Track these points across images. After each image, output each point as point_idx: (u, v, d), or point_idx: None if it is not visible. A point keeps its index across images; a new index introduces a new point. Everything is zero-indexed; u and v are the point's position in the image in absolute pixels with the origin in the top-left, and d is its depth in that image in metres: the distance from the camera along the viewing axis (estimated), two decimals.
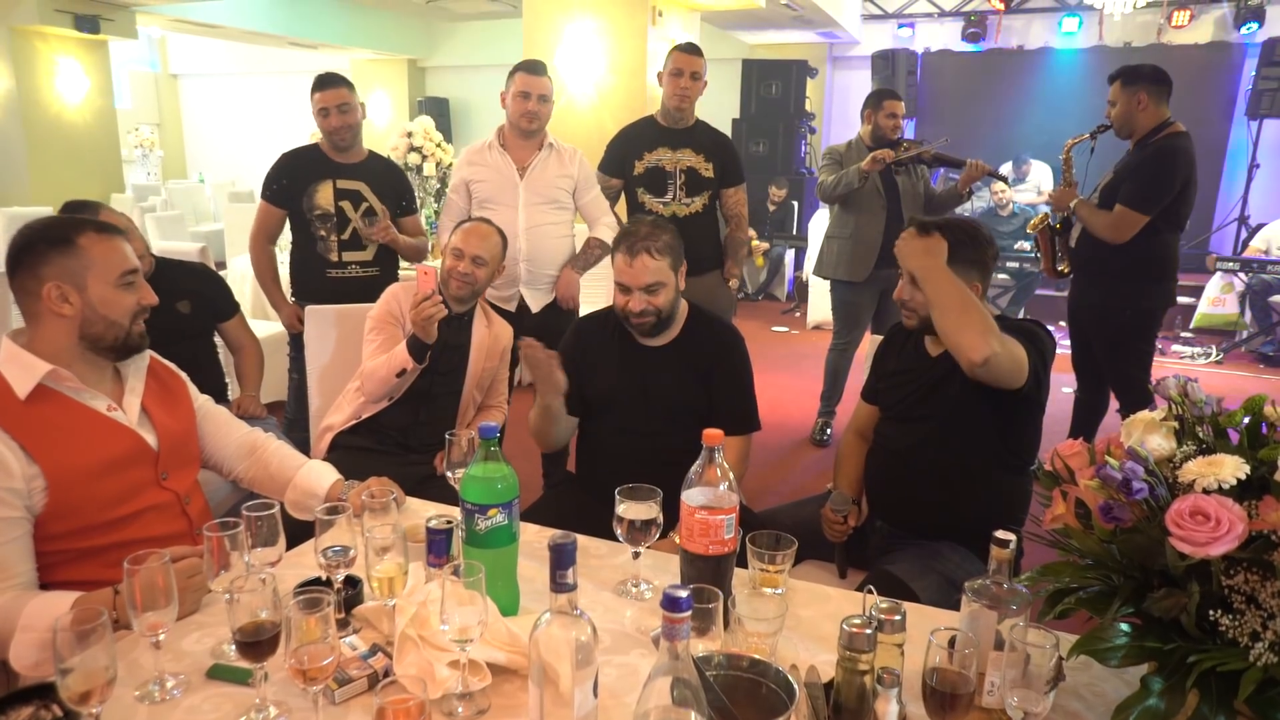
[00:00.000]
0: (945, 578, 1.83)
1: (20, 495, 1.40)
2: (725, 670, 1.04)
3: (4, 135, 7.83)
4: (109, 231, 1.54)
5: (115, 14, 8.07)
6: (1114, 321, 3.33)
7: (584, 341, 2.23)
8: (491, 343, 2.57)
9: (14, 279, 1.48)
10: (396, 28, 11.31)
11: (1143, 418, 1.10)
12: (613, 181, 3.57)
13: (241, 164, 13.06)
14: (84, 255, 1.49)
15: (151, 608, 1.15)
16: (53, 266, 1.47)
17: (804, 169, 8.92)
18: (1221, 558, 0.92)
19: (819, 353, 5.01)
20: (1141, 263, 3.24)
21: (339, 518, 1.35)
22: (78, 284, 1.48)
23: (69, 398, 1.49)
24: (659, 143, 3.45)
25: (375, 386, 2.38)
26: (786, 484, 3.97)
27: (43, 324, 1.49)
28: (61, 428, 1.47)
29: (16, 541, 1.40)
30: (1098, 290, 3.37)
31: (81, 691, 0.99)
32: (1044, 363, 1.85)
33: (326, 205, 3.11)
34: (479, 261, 2.45)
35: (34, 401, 1.44)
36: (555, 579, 0.98)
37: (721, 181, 3.47)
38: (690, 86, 3.36)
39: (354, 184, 3.14)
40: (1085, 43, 9.06)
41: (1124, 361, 3.37)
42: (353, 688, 1.18)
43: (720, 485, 1.32)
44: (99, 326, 1.51)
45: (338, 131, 3.09)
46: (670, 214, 3.44)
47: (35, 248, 1.48)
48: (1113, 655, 0.98)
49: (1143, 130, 3.22)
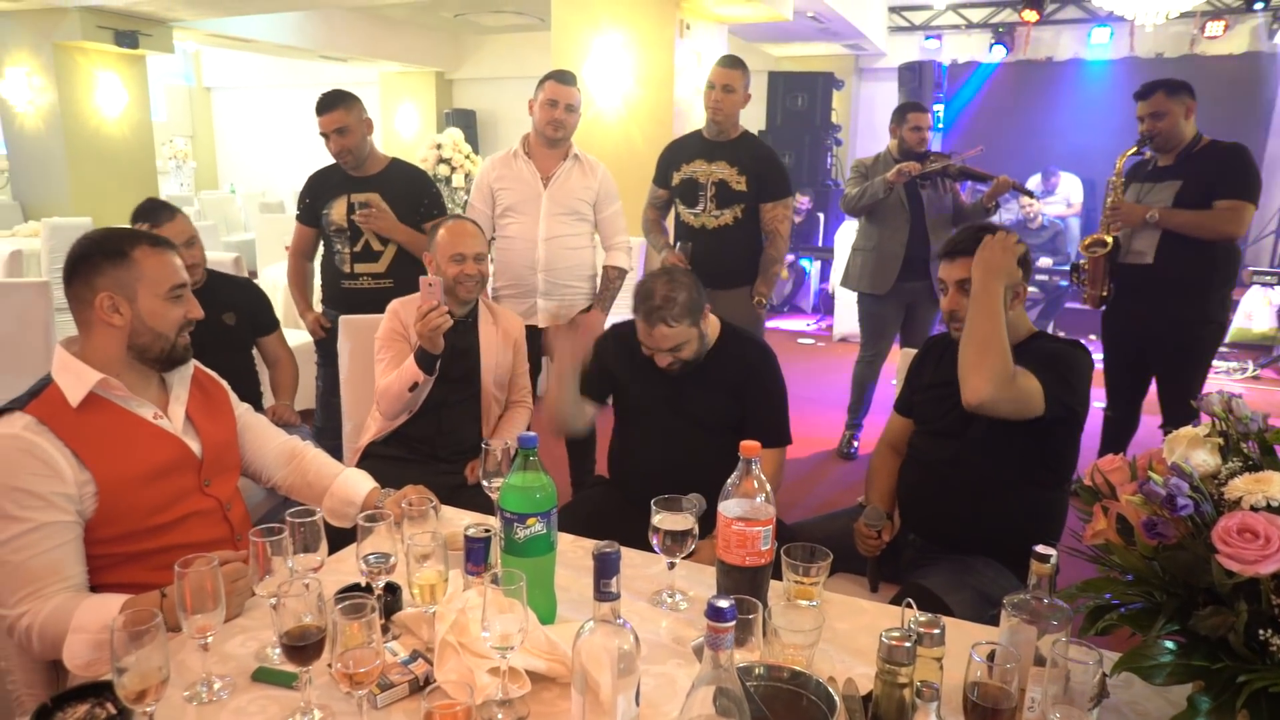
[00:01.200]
0: (979, 592, 1.83)
1: (72, 500, 1.43)
2: (766, 681, 1.05)
3: (46, 147, 8.00)
4: (161, 245, 1.58)
5: (154, 29, 8.23)
6: (1199, 334, 3.24)
7: (619, 348, 2.25)
8: (501, 339, 2.55)
9: (70, 288, 1.52)
10: (424, 41, 11.44)
11: (1186, 433, 1.09)
12: (660, 192, 3.60)
13: (271, 175, 13.25)
14: (136, 267, 1.53)
15: (200, 610, 1.18)
16: (106, 277, 1.51)
17: (830, 181, 8.90)
18: (1271, 576, 0.91)
19: (845, 365, 5.00)
20: (1219, 272, 3.19)
21: (379, 525, 1.37)
22: (128, 295, 1.52)
23: (118, 406, 1.53)
24: (698, 154, 3.47)
25: (390, 404, 2.39)
26: (814, 497, 3.95)
27: (94, 333, 1.53)
28: (111, 435, 1.50)
29: (69, 545, 1.43)
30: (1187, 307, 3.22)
31: (138, 690, 1.01)
32: (1074, 388, 1.84)
33: (340, 220, 3.17)
34: (480, 259, 2.46)
35: (85, 409, 1.48)
36: (599, 587, 0.99)
37: (759, 196, 3.43)
38: (723, 99, 3.36)
39: (367, 196, 3.19)
40: (1116, 54, 8.99)
41: (1190, 378, 3.28)
42: (394, 693, 1.20)
43: (757, 497, 1.32)
44: (146, 337, 1.54)
45: (340, 155, 3.15)
46: (700, 225, 3.45)
47: (91, 258, 1.52)
48: (1158, 673, 0.98)
49: (1187, 139, 3.19)
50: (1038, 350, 1.88)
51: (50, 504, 1.40)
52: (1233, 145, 3.16)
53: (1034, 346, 1.90)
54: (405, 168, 3.36)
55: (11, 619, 1.39)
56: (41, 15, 7.62)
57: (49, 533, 1.40)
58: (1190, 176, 3.18)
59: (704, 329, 2.12)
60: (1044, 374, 1.80)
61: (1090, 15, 8.95)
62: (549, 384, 2.27)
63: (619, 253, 3.26)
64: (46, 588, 1.39)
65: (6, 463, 1.40)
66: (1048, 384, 1.79)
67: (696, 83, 5.86)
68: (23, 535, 1.39)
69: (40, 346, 3.31)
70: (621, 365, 2.22)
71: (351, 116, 3.11)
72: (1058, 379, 1.81)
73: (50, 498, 1.40)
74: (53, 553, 1.41)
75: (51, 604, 1.38)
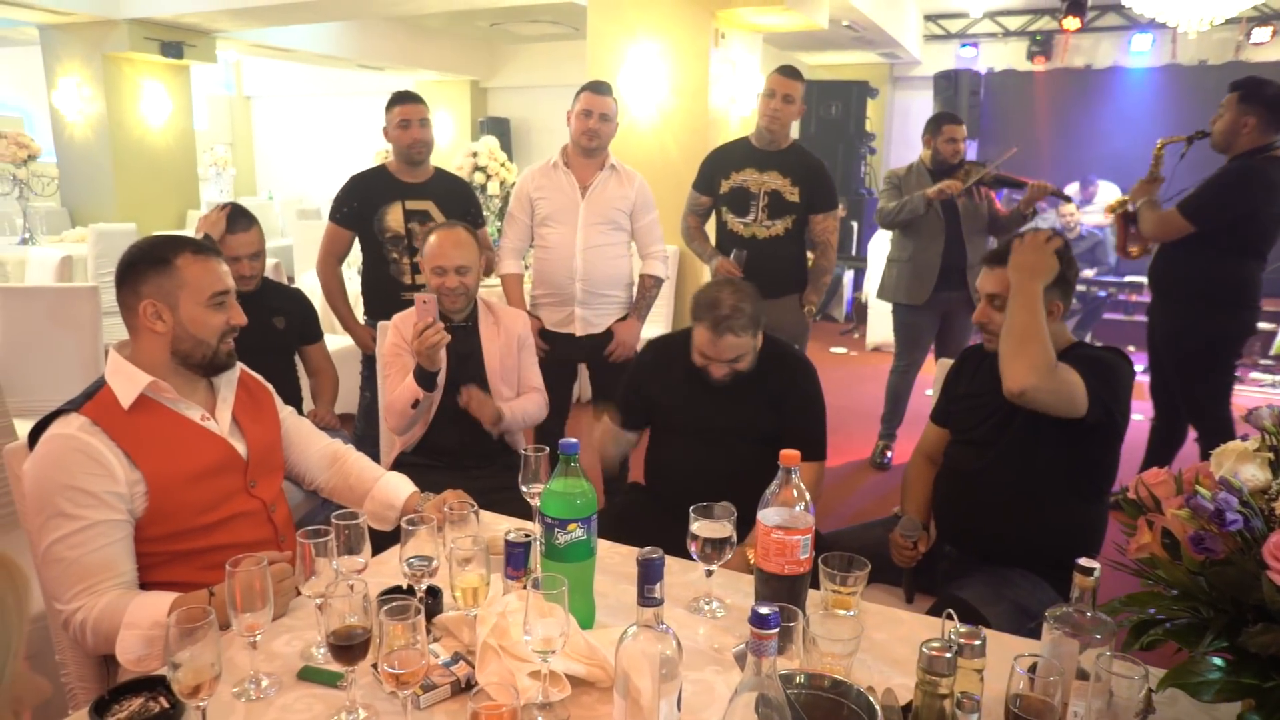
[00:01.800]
0: (1017, 605, 1.81)
1: (124, 499, 1.47)
2: (807, 689, 1.05)
3: (94, 155, 8.19)
4: (205, 252, 1.61)
5: (198, 40, 8.41)
6: (1186, 347, 3.26)
7: (656, 360, 2.27)
8: (504, 338, 2.55)
9: (119, 294, 1.57)
10: (460, 50, 11.56)
11: (1235, 448, 1.08)
12: (702, 199, 3.61)
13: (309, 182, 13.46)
14: (178, 275, 1.56)
15: (249, 609, 1.21)
16: (150, 285, 1.55)
17: (863, 190, 8.86)
18: None
19: (879, 375, 4.97)
20: (1214, 289, 3.16)
21: (421, 529, 1.39)
22: (170, 303, 1.55)
23: (167, 408, 1.57)
24: (747, 163, 3.47)
25: (396, 421, 2.41)
26: (847, 506, 3.93)
27: (141, 338, 1.57)
28: (161, 436, 1.54)
29: (120, 543, 1.47)
30: (1170, 315, 3.30)
31: (192, 685, 1.04)
32: (1116, 393, 1.82)
33: (397, 227, 3.16)
34: (463, 270, 2.43)
35: (136, 411, 1.52)
36: (643, 593, 1.00)
37: (809, 207, 3.45)
38: (781, 109, 3.37)
39: (422, 203, 3.20)
40: (1157, 61, 8.85)
41: (1197, 390, 3.28)
42: (437, 694, 1.22)
43: (797, 506, 1.33)
44: (188, 344, 1.58)
45: (415, 145, 3.16)
46: (750, 235, 3.46)
47: (137, 266, 1.56)
48: (1206, 690, 0.97)
49: (1240, 150, 3.14)
50: (1079, 355, 1.86)
51: (103, 502, 1.44)
52: (1242, 165, 3.10)
53: (1075, 354, 1.89)
54: (450, 177, 3.40)
55: (67, 614, 1.43)
56: (92, 27, 7.82)
57: (102, 530, 1.45)
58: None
59: (758, 341, 2.13)
60: (1087, 374, 1.79)
61: (1131, 22, 8.82)
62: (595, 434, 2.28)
63: (655, 261, 3.27)
64: (100, 584, 1.43)
65: (63, 462, 1.44)
66: (1090, 383, 1.77)
67: (731, 92, 5.86)
68: (78, 532, 1.43)
69: (89, 349, 3.39)
70: (661, 378, 2.23)
71: (428, 111, 3.19)
72: (1100, 380, 1.79)
73: (103, 496, 1.44)
74: (106, 550, 1.45)
75: (104, 600, 1.42)
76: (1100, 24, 9.04)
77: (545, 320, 3.22)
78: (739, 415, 2.15)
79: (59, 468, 1.44)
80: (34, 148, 6.66)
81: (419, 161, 3.21)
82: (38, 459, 1.47)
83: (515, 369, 2.58)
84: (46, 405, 3.33)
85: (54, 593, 1.46)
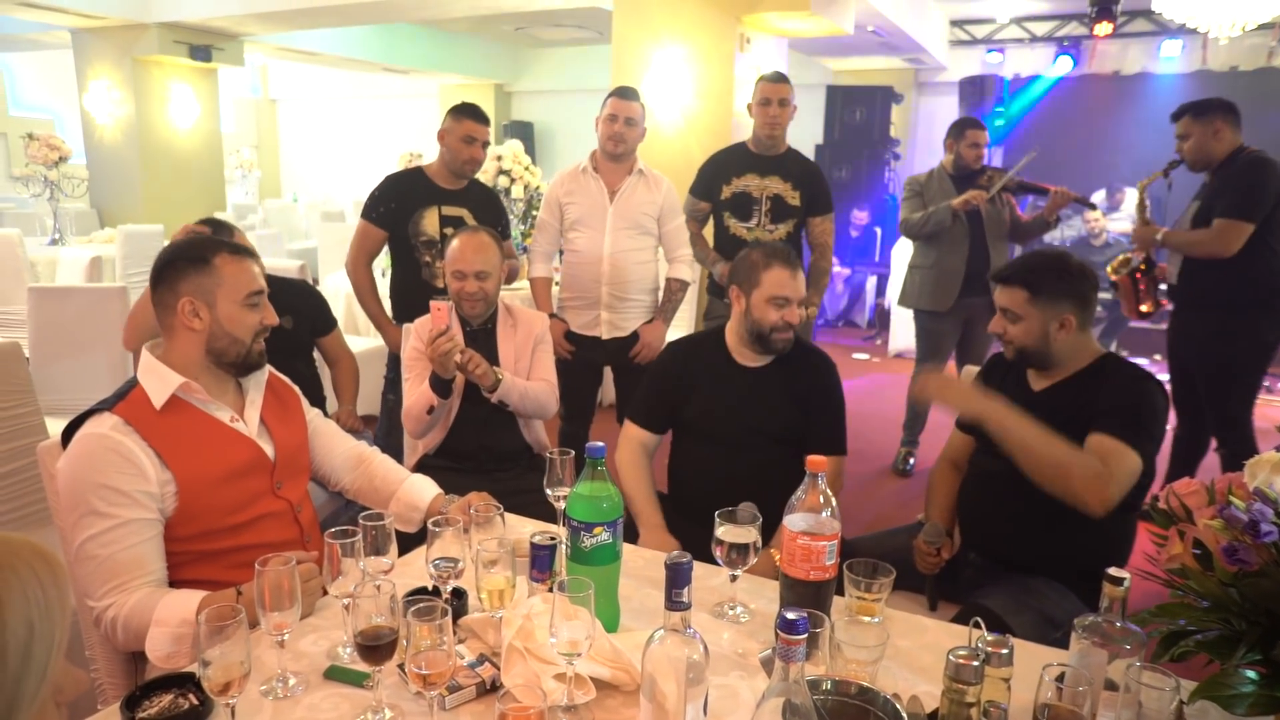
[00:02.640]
0: (1042, 614, 1.79)
1: (155, 498, 1.49)
2: (833, 696, 1.05)
3: (122, 158, 8.33)
4: (241, 253, 1.64)
5: (226, 44, 8.53)
6: (1224, 353, 3.20)
7: (682, 362, 2.27)
8: (521, 340, 2.54)
9: (155, 292, 1.59)
10: (485, 53, 11.65)
11: (1270, 458, 1.07)
12: (701, 205, 3.61)
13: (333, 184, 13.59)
14: (216, 274, 1.59)
15: (277, 608, 1.22)
16: (189, 283, 1.57)
17: (887, 195, 8.83)
18: None
19: (900, 382, 4.95)
20: (1257, 291, 3.12)
21: (447, 530, 1.40)
22: (208, 300, 1.58)
23: (198, 408, 1.59)
24: (748, 169, 3.48)
25: (413, 426, 2.43)
26: (868, 513, 3.91)
27: (176, 337, 1.59)
28: (191, 437, 1.56)
29: (150, 541, 1.49)
30: (1207, 322, 3.23)
31: (223, 682, 1.05)
32: (1158, 434, 1.81)
33: (432, 232, 3.16)
34: (483, 276, 2.43)
35: (167, 411, 1.54)
36: (670, 596, 1.01)
37: (808, 210, 3.47)
38: (780, 114, 3.39)
39: (458, 210, 3.19)
40: (1187, 67, 8.76)
41: (1229, 397, 3.23)
42: (462, 695, 1.22)
43: (823, 512, 1.32)
44: (223, 342, 1.60)
45: (471, 163, 3.16)
46: (753, 239, 3.46)
47: (175, 264, 1.59)
48: (1240, 704, 0.96)
49: (1219, 158, 3.15)
50: (1113, 396, 1.83)
51: (135, 501, 1.47)
52: (1247, 159, 3.10)
53: (1107, 386, 1.86)
54: (484, 186, 3.40)
55: (99, 610, 1.45)
56: (123, 31, 7.95)
57: (134, 529, 1.47)
58: (1207, 196, 3.19)
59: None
60: (1134, 437, 1.75)
61: (1161, 28, 8.73)
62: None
63: (682, 265, 3.29)
64: (131, 582, 1.45)
65: (96, 461, 1.46)
66: (1143, 448, 1.75)
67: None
68: (110, 530, 1.45)
69: (117, 348, 3.43)
70: (689, 373, 2.23)
71: (490, 134, 3.19)
72: (1148, 438, 1.77)
73: (135, 495, 1.47)
74: (137, 548, 1.47)
75: (135, 598, 1.44)
76: (1129, 29, 8.95)
77: (572, 323, 3.23)
78: (765, 413, 2.16)
79: (92, 466, 1.46)
80: (65, 150, 6.77)
81: (468, 175, 3.22)
82: (71, 457, 1.49)
83: (528, 369, 2.57)
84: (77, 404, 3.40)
85: (86, 590, 1.48)
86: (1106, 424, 1.78)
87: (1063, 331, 1.89)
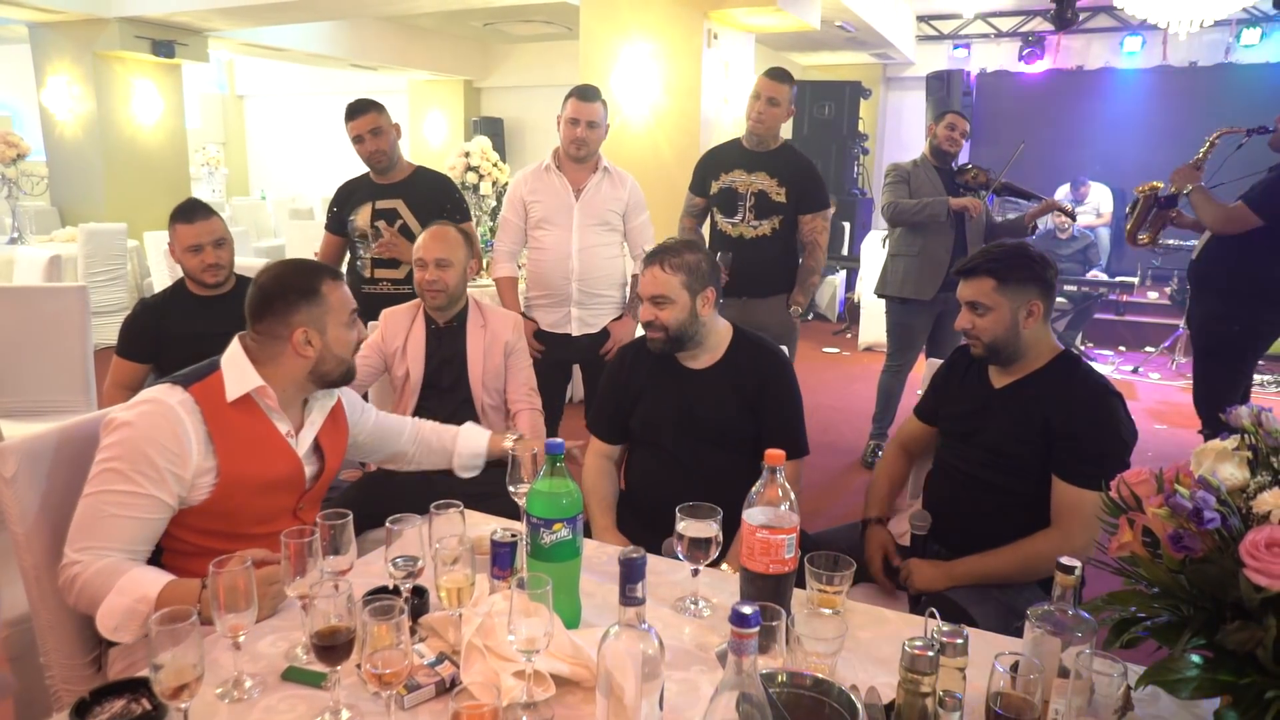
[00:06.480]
0: (1005, 605, 1.82)
1: (183, 486, 1.50)
2: (789, 688, 1.05)
3: (84, 155, 8.16)
4: (338, 276, 1.70)
5: (189, 39, 8.38)
6: (1217, 331, 3.30)
7: (628, 367, 2.20)
8: (490, 341, 2.54)
9: (262, 323, 1.62)
10: (453, 49, 11.56)
11: (1214, 446, 1.09)
12: (697, 200, 3.62)
13: (301, 182, 13.43)
14: (325, 301, 1.64)
15: (233, 609, 1.20)
16: (302, 314, 1.61)
17: (856, 190, 8.88)
18: None
19: (870, 375, 4.98)
20: (1266, 285, 3.21)
21: (407, 529, 1.39)
22: (320, 328, 1.63)
23: (263, 412, 1.61)
24: (737, 164, 3.49)
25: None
26: (837, 506, 3.94)
27: (283, 361, 1.62)
28: (249, 437, 1.58)
29: (152, 522, 1.50)
30: (1209, 302, 3.34)
31: (175, 686, 1.04)
32: (1127, 440, 1.83)
33: (363, 225, 3.24)
34: (443, 264, 2.45)
35: (236, 406, 1.57)
36: (624, 592, 1.01)
37: (798, 207, 3.45)
38: (766, 111, 3.38)
39: (391, 202, 3.25)
40: (1148, 62, 8.90)
41: (1213, 374, 3.35)
42: (421, 694, 1.21)
43: (781, 505, 1.33)
44: (330, 364, 1.66)
45: (373, 156, 3.22)
46: (738, 235, 3.47)
47: (287, 297, 1.61)
48: (1184, 687, 0.97)
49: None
50: (1079, 423, 1.82)
51: (162, 480, 1.47)
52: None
53: (1074, 403, 1.85)
54: (429, 174, 3.41)
55: (66, 561, 1.45)
56: (83, 26, 7.79)
57: (145, 505, 1.47)
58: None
59: (699, 310, 2.03)
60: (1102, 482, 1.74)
61: (1122, 24, 8.86)
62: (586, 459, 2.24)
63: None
64: (109, 548, 1.45)
65: (149, 426, 1.48)
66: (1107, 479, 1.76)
67: (724, 92, 5.87)
68: (124, 494, 1.45)
69: (77, 349, 3.37)
70: (636, 378, 2.17)
71: (383, 119, 3.22)
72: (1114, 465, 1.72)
73: (165, 475, 1.48)
74: (136, 521, 1.47)
75: (103, 563, 1.43)
76: (1092, 25, 9.08)
77: (541, 321, 3.22)
78: (712, 413, 2.08)
79: (144, 429, 1.47)
80: (23, 146, 6.64)
81: (384, 169, 3.26)
82: (134, 410, 1.50)
83: (497, 372, 2.56)
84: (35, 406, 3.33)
85: (70, 535, 1.47)
86: (1074, 472, 1.81)
87: (1030, 320, 1.90)
